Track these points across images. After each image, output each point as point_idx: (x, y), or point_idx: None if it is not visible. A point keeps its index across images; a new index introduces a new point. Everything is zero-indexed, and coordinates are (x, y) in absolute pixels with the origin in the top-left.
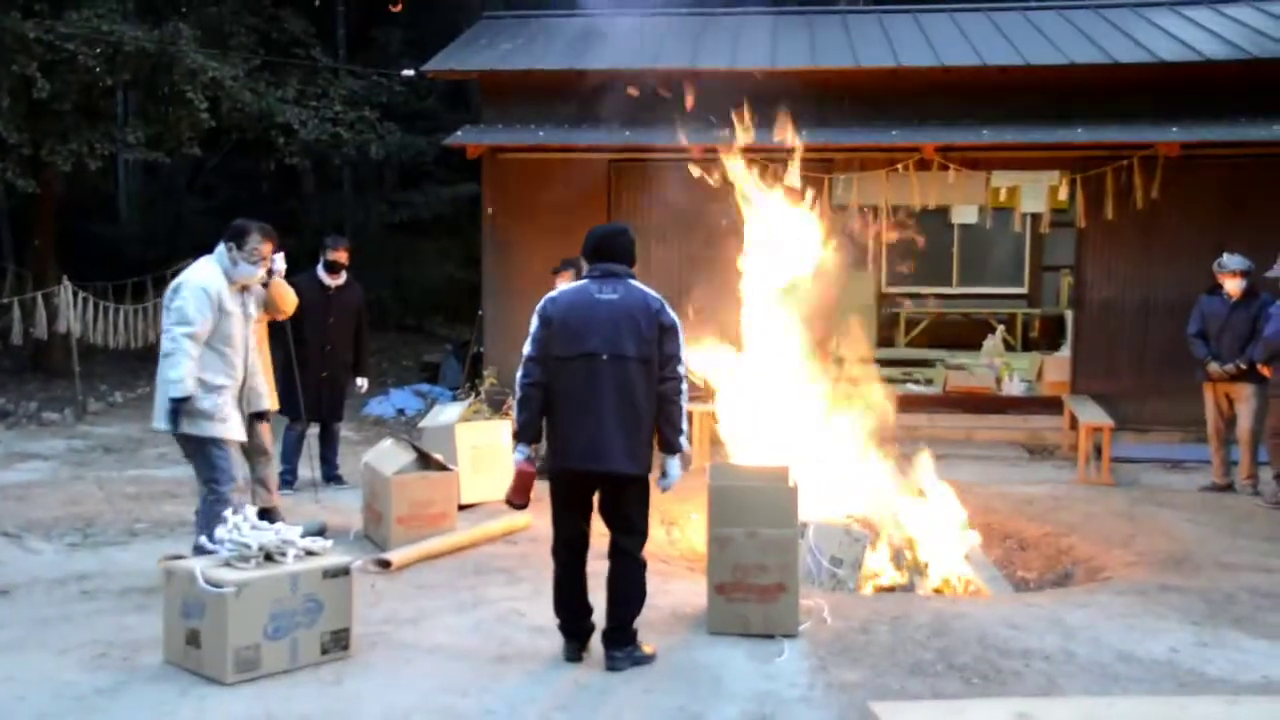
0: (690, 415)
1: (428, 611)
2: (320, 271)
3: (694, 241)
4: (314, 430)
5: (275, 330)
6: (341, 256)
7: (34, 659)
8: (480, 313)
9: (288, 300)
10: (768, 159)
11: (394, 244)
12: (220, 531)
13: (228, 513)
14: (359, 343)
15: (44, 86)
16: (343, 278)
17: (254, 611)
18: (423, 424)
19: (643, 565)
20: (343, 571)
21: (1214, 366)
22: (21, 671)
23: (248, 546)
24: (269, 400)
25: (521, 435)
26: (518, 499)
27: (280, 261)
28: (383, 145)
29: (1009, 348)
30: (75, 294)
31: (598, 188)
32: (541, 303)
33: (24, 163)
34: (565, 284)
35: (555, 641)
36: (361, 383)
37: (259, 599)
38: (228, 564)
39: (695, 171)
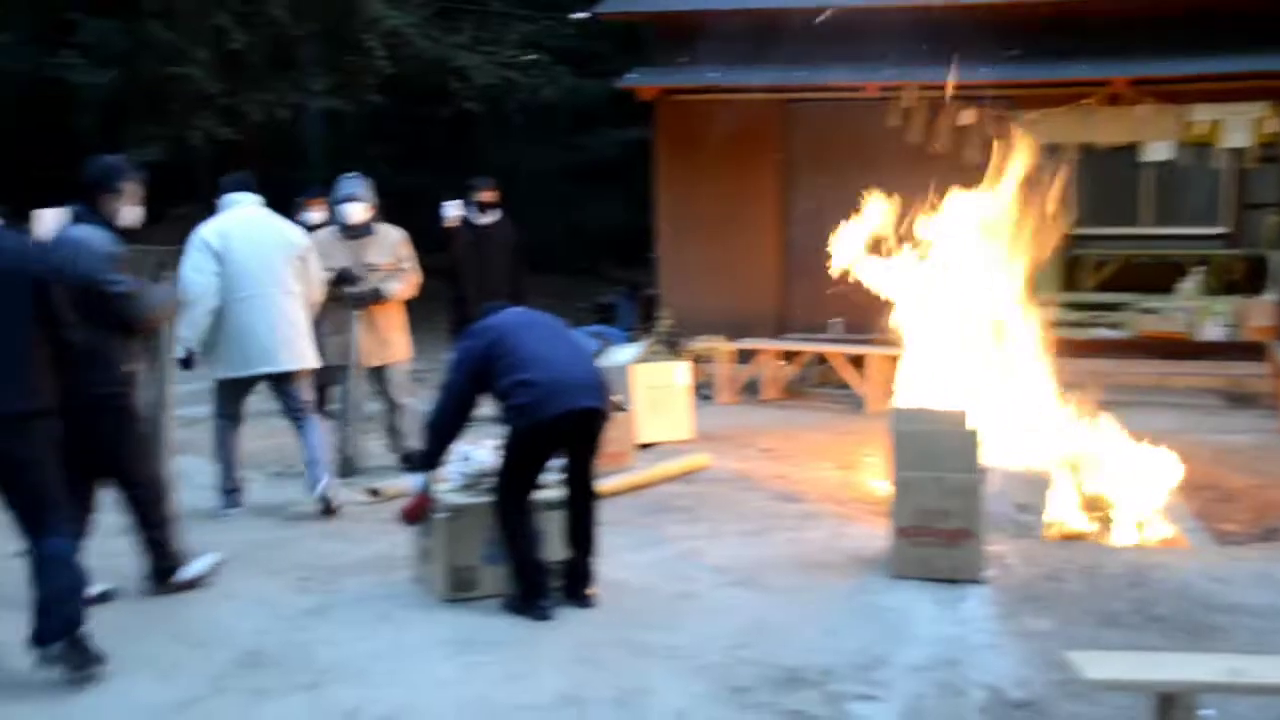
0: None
1: (609, 548)
2: (470, 211)
3: (871, 182)
4: None
5: (443, 272)
6: (488, 196)
7: (250, 580)
8: (652, 255)
9: None
10: (945, 96)
11: (567, 187)
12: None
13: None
14: (516, 278)
15: (238, 38)
16: (492, 216)
17: (472, 535)
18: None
19: None
20: (560, 505)
21: None
22: (240, 590)
23: (470, 475)
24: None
25: None
26: None
27: (452, 208)
28: (554, 89)
29: (1207, 291)
30: None
31: (772, 128)
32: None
33: (221, 112)
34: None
35: (735, 579)
36: None
37: (476, 524)
38: (470, 487)
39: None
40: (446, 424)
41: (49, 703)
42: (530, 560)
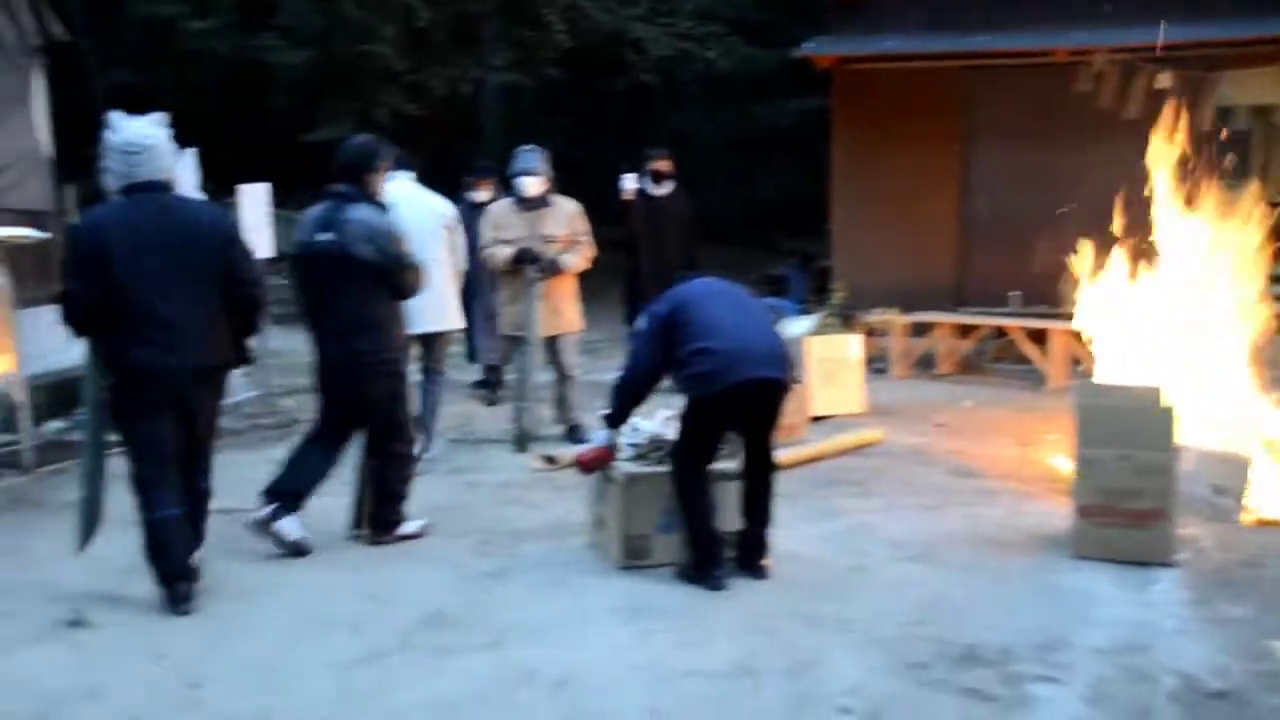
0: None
1: (781, 520)
2: (645, 182)
3: (1056, 148)
4: None
5: (617, 244)
6: (663, 166)
7: (433, 542)
8: (827, 226)
9: None
10: (1140, 59)
11: (740, 158)
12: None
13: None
14: (689, 248)
15: (424, 15)
16: (667, 187)
17: (645, 504)
18: None
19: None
20: (736, 476)
21: None
22: (422, 552)
23: (641, 444)
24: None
25: None
26: None
27: (630, 181)
28: (729, 59)
29: None
30: None
31: (952, 96)
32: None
33: (407, 88)
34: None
35: (910, 554)
36: None
37: (650, 493)
38: (642, 457)
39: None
40: (632, 387)
41: (246, 647)
42: (705, 530)
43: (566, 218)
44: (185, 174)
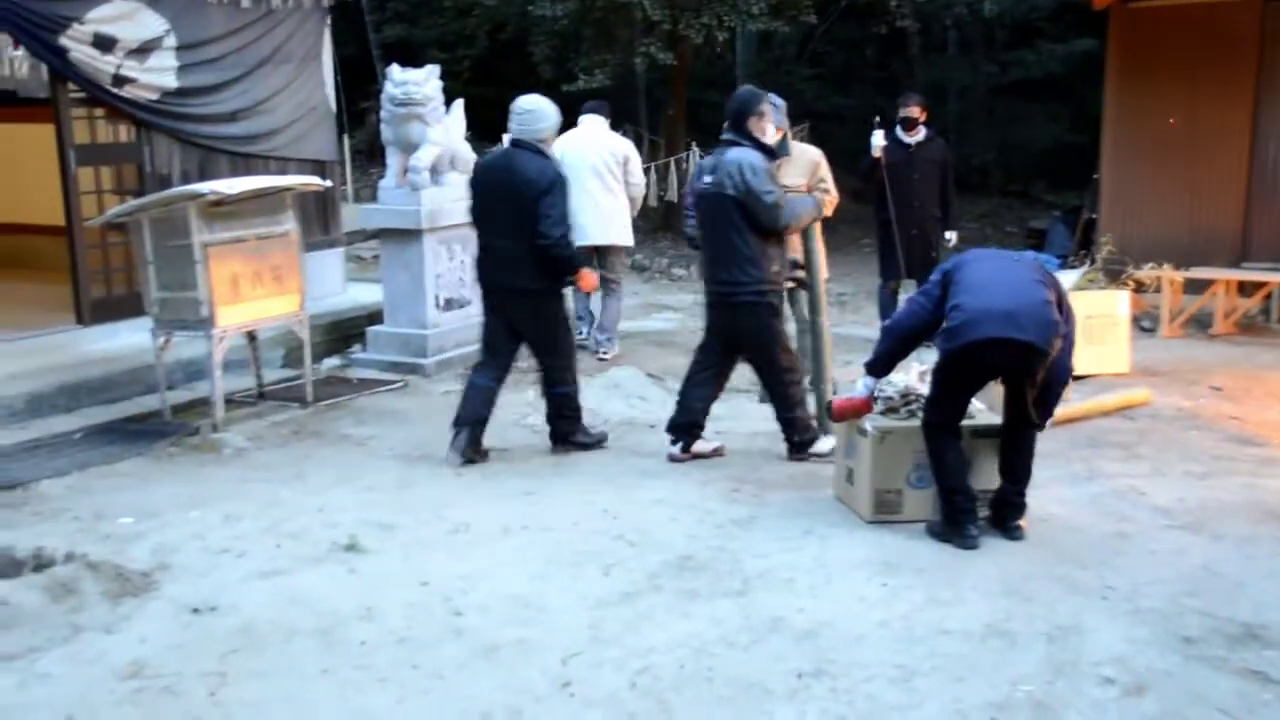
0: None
1: (1039, 481)
2: (898, 130)
3: None
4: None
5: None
6: (914, 112)
7: (682, 487)
8: (1095, 176)
9: None
10: None
11: (1000, 106)
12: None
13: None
14: (945, 197)
15: None
16: (921, 134)
17: (897, 458)
18: None
19: None
20: (994, 433)
21: None
22: (673, 497)
23: (891, 398)
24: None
25: None
26: None
27: (879, 138)
28: (996, 2)
29: None
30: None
31: (1247, 33)
32: None
33: (663, 37)
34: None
35: (1180, 522)
36: (950, 237)
37: (902, 447)
38: (892, 410)
39: None
40: (898, 334)
41: (504, 580)
42: (957, 485)
43: (808, 166)
44: (454, 124)
